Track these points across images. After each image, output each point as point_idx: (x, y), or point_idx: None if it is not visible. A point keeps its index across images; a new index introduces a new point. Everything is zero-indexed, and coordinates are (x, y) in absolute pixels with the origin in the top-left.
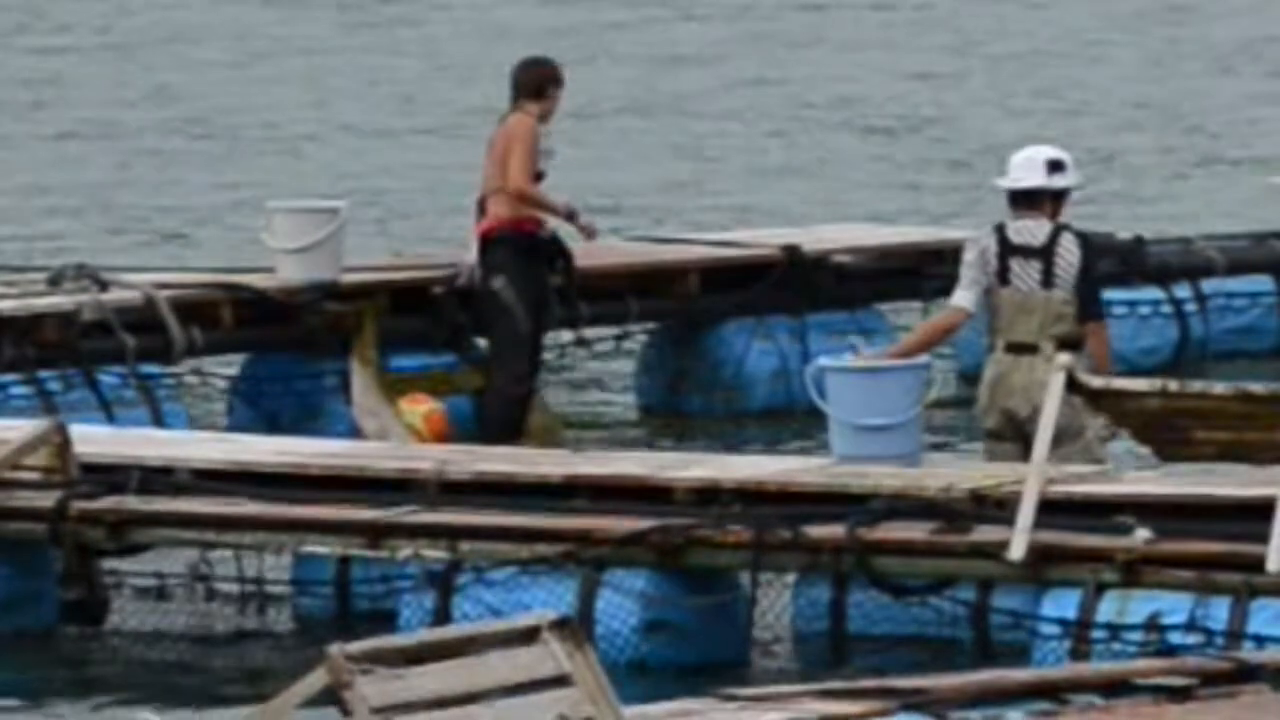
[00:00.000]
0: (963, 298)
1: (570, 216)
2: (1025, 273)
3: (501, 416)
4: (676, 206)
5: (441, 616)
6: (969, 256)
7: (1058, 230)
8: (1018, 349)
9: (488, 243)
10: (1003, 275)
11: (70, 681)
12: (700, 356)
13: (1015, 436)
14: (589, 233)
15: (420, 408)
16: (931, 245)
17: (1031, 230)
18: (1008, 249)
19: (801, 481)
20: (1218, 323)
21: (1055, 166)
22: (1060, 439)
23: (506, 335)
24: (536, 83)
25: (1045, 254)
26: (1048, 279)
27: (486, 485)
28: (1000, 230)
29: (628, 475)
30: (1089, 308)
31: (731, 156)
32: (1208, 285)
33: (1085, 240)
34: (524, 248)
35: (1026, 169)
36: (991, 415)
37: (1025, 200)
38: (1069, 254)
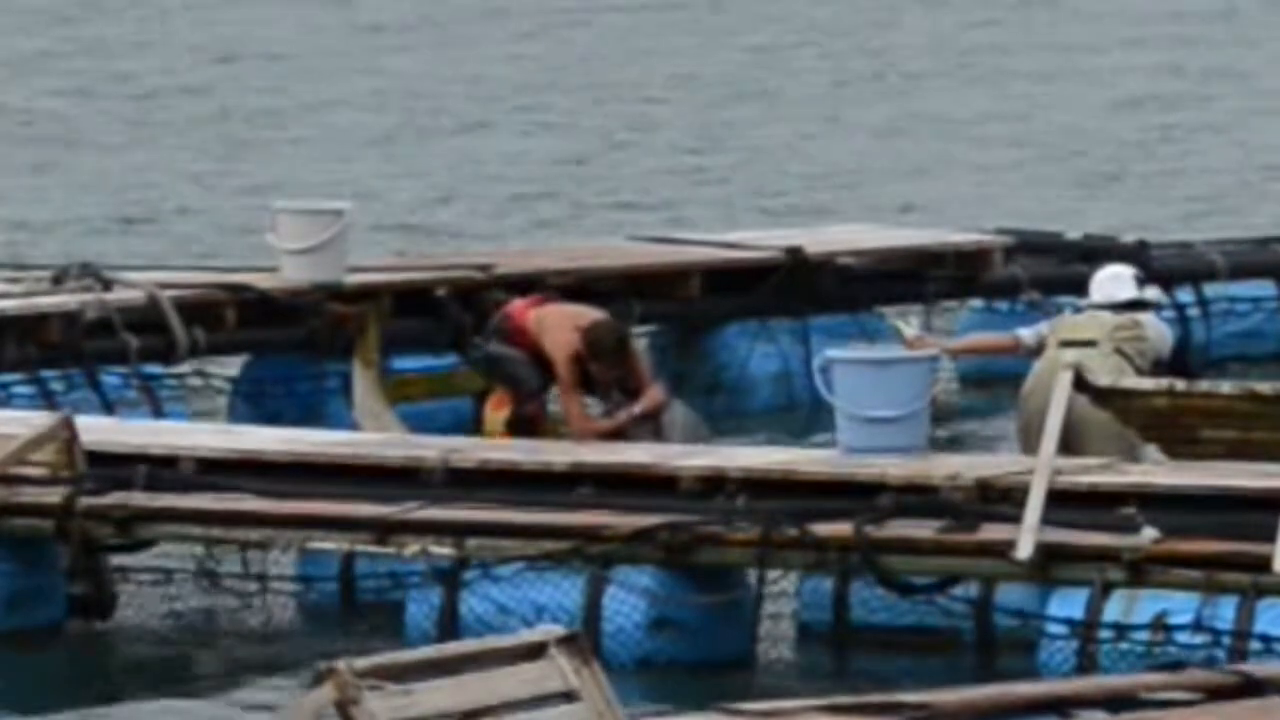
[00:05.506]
0: (1025, 330)
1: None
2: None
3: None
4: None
5: (448, 612)
6: (1055, 320)
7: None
8: (1073, 345)
9: (499, 318)
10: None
11: (78, 676)
12: (702, 359)
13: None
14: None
15: (501, 414)
16: (934, 248)
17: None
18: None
19: (807, 470)
20: (1220, 327)
21: (1141, 281)
22: (1106, 441)
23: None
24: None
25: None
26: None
27: (491, 474)
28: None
29: (633, 464)
30: None
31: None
32: (1210, 289)
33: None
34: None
35: (1115, 284)
36: (1027, 411)
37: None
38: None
